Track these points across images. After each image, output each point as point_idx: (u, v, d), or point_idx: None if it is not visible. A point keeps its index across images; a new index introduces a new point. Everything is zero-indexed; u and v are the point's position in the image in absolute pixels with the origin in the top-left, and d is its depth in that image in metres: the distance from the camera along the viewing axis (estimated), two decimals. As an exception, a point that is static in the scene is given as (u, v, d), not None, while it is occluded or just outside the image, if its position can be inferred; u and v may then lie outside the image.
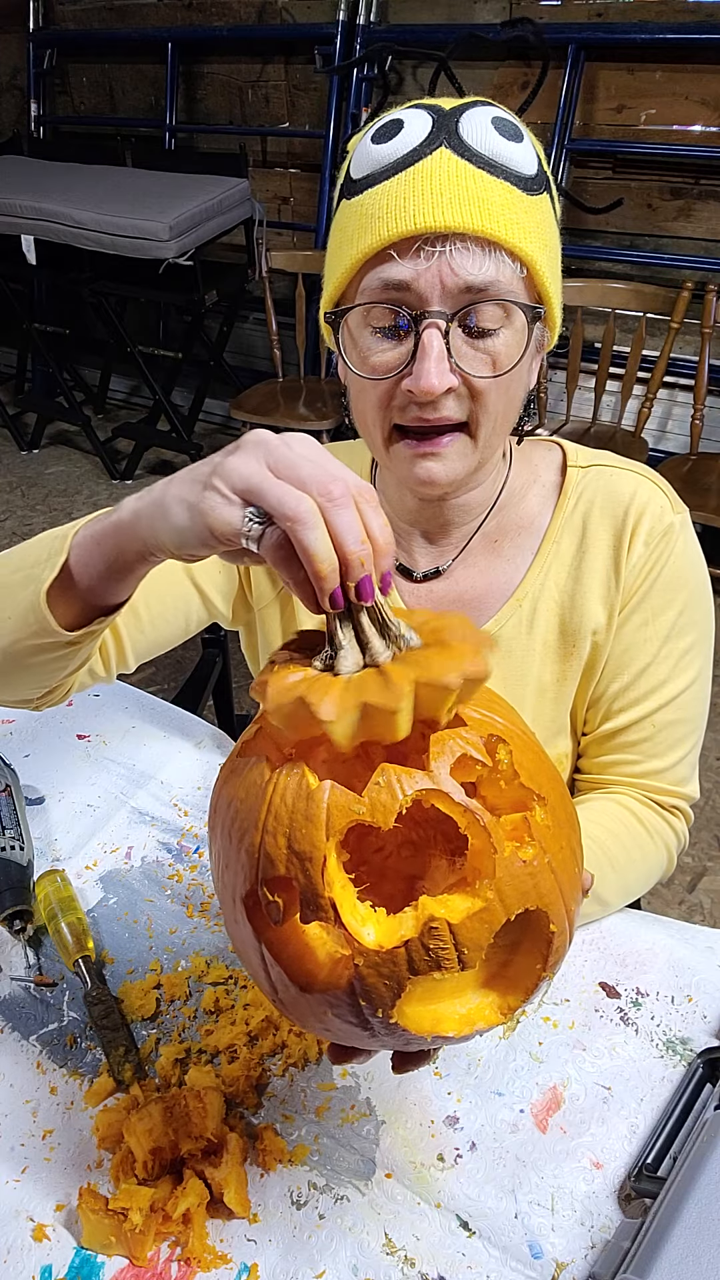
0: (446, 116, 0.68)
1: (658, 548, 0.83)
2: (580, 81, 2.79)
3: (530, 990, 0.54)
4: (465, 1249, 0.66)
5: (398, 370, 0.71)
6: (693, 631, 0.86)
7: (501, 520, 0.88)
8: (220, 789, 0.57)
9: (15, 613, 0.68)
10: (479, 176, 0.67)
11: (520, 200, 0.68)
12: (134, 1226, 0.64)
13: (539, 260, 0.69)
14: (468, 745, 0.51)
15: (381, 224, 0.67)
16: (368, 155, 0.70)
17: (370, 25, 3.08)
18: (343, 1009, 0.51)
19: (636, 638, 0.86)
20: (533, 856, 0.51)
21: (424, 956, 0.48)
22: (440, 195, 0.66)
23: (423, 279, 0.68)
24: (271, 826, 0.50)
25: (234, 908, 0.54)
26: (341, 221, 0.73)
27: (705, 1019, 0.80)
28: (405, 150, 0.68)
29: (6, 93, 4.23)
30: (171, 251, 3.01)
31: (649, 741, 0.88)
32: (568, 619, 0.87)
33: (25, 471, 3.93)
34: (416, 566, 0.90)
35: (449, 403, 0.71)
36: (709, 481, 2.51)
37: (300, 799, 0.50)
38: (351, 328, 0.74)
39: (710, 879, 2.00)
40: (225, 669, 1.56)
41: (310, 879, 0.49)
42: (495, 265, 0.68)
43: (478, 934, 0.49)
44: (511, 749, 0.52)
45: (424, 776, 0.50)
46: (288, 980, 0.52)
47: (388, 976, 0.49)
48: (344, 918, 0.49)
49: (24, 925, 0.88)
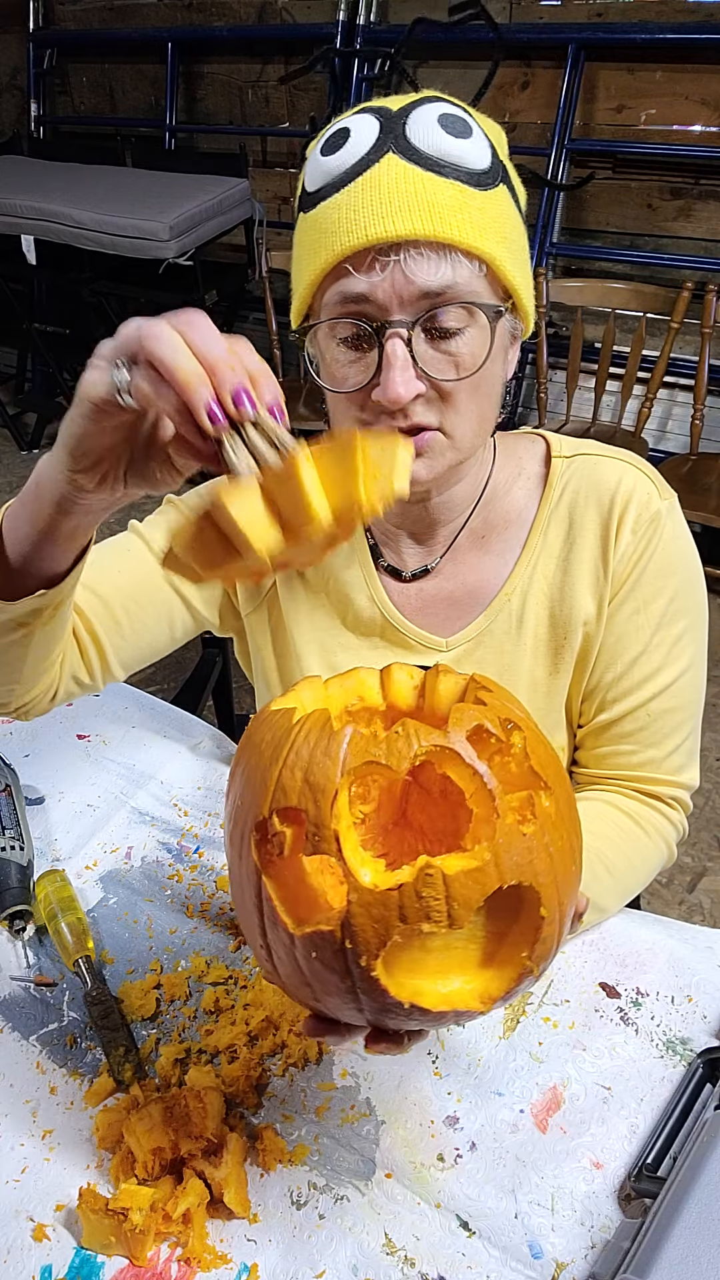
0: (393, 119, 0.68)
1: (645, 535, 0.83)
2: (580, 81, 2.79)
3: (514, 980, 0.54)
4: (465, 1249, 0.66)
5: (366, 382, 0.71)
6: (684, 618, 0.86)
7: (488, 515, 0.88)
8: (246, 739, 0.59)
9: None
10: (427, 179, 0.66)
11: (472, 198, 0.68)
12: (134, 1226, 0.64)
13: (497, 255, 0.69)
14: (485, 718, 0.53)
15: (334, 239, 0.68)
16: (318, 168, 0.70)
17: (370, 25, 3.08)
18: (327, 953, 0.52)
19: (628, 627, 0.85)
20: (532, 833, 0.52)
21: (415, 903, 0.50)
22: (389, 204, 0.66)
23: (380, 290, 0.68)
24: (291, 760, 0.53)
25: (242, 842, 0.55)
26: (299, 237, 0.74)
27: (705, 1019, 0.80)
28: (353, 160, 0.68)
29: (6, 93, 4.24)
30: (171, 251, 3.01)
31: (645, 731, 0.88)
32: (558, 611, 0.87)
33: (25, 471, 3.94)
34: (405, 566, 0.90)
35: (418, 408, 0.72)
36: (709, 481, 2.51)
37: (322, 737, 0.53)
38: (320, 342, 0.75)
39: (710, 879, 2.00)
40: (225, 669, 1.56)
41: (320, 810, 0.51)
42: (451, 267, 0.68)
43: (470, 891, 0.50)
44: (525, 736, 0.54)
45: (440, 734, 0.52)
46: (279, 920, 0.53)
47: (377, 920, 0.50)
48: (345, 855, 0.50)
49: (24, 925, 0.88)
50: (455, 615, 0.90)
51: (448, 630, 0.90)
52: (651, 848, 0.89)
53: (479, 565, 0.89)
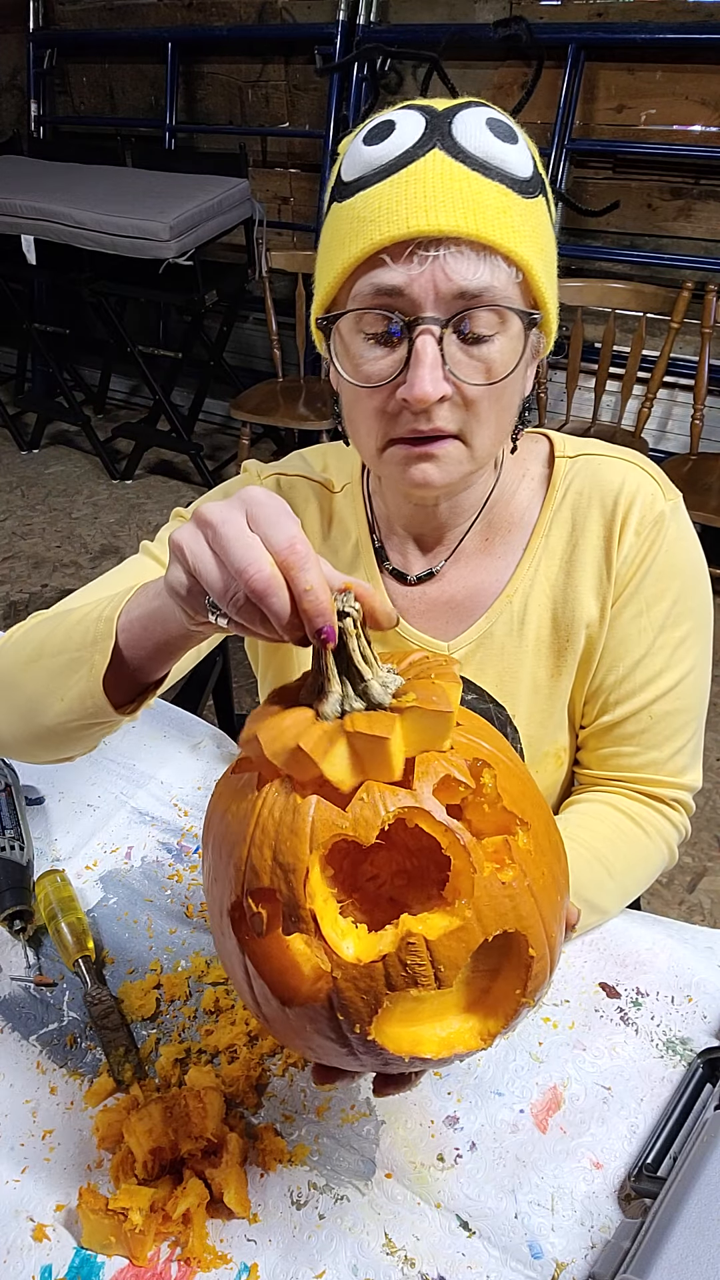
0: (439, 117, 0.67)
1: (649, 537, 0.82)
2: (580, 81, 2.79)
3: (511, 1016, 0.54)
4: (465, 1249, 0.66)
5: (391, 378, 0.70)
6: (688, 620, 0.85)
7: (493, 518, 0.88)
8: (214, 805, 0.58)
9: (69, 696, 0.70)
10: (473, 179, 0.65)
11: (515, 203, 0.67)
12: (134, 1226, 0.64)
13: (535, 265, 0.68)
14: (451, 767, 0.52)
15: (373, 227, 0.66)
16: (359, 157, 0.69)
17: (370, 25, 3.08)
18: (322, 1024, 0.51)
19: (631, 629, 0.85)
20: (512, 879, 0.51)
21: (401, 972, 0.49)
22: (434, 198, 0.65)
23: (416, 284, 0.66)
24: (258, 839, 0.51)
25: (221, 920, 0.55)
26: (332, 225, 0.72)
27: (705, 1019, 0.80)
28: (397, 152, 0.67)
29: (6, 93, 4.23)
30: (171, 251, 3.01)
31: (647, 733, 0.88)
32: (560, 613, 0.86)
33: (25, 471, 3.93)
34: (410, 570, 0.90)
35: (443, 412, 0.70)
36: (709, 481, 2.51)
37: (286, 812, 0.51)
38: (344, 334, 0.73)
39: (710, 879, 2.00)
40: (225, 669, 1.56)
41: (293, 890, 0.49)
42: (490, 270, 0.66)
43: (454, 952, 0.49)
44: (496, 773, 0.52)
45: (406, 795, 0.50)
46: (270, 994, 0.52)
47: (365, 991, 0.49)
48: (324, 930, 0.49)
49: (24, 925, 0.88)
50: (457, 618, 0.90)
51: (450, 634, 0.89)
52: (653, 849, 0.89)
53: (482, 568, 0.89)
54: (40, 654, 0.73)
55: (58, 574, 3.21)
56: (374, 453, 0.76)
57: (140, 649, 0.67)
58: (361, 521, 0.91)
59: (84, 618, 0.71)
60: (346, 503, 0.92)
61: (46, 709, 0.72)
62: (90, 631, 0.68)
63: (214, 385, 3.73)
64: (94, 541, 3.40)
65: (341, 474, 0.93)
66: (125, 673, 0.68)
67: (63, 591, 3.09)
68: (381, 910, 0.59)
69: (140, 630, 0.66)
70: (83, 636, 0.69)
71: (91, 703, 0.69)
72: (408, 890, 0.60)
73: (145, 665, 0.68)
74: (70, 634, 0.71)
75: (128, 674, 0.69)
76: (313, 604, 0.51)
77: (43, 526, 3.52)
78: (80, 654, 0.68)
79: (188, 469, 3.81)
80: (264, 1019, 0.56)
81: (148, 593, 0.66)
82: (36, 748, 0.78)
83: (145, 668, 0.68)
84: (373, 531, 0.91)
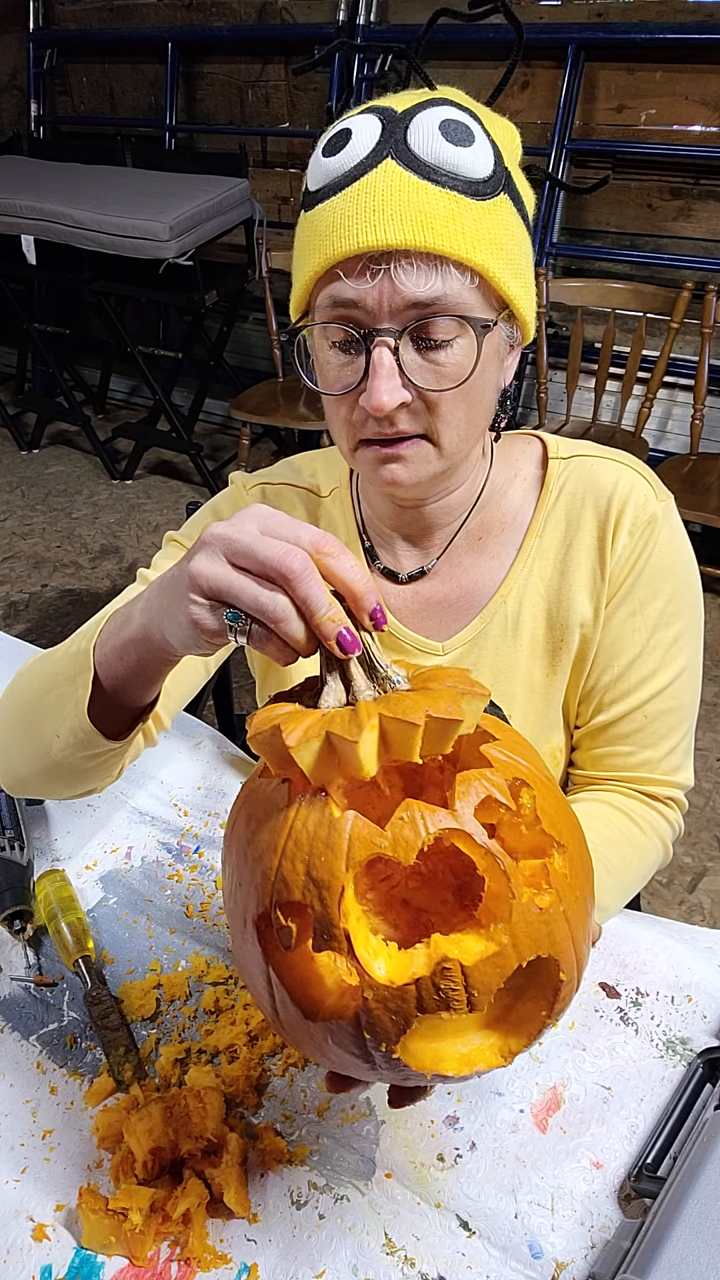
0: (395, 122, 0.68)
1: (642, 537, 0.83)
2: (580, 81, 2.79)
3: (534, 1035, 0.53)
4: (465, 1249, 0.66)
5: (355, 386, 0.72)
6: (680, 620, 0.86)
7: (484, 518, 0.88)
8: (239, 808, 0.57)
9: (62, 731, 0.71)
10: (423, 189, 0.66)
11: (468, 209, 0.67)
12: (134, 1226, 0.64)
13: (490, 267, 0.69)
14: (493, 787, 0.51)
15: (327, 243, 0.68)
16: (319, 168, 0.70)
17: (370, 25, 3.08)
18: (345, 1039, 0.51)
19: (624, 629, 0.85)
20: (549, 904, 0.50)
21: (434, 996, 0.48)
22: (382, 212, 0.66)
23: (369, 297, 0.68)
24: (290, 851, 0.50)
25: (244, 928, 0.54)
26: (299, 235, 0.74)
27: (705, 1019, 0.80)
28: (352, 164, 0.68)
29: (6, 93, 4.24)
30: (171, 251, 3.01)
31: (641, 732, 0.88)
32: (554, 613, 0.87)
33: (25, 471, 3.93)
34: (401, 568, 0.90)
35: (403, 417, 0.72)
36: (709, 481, 2.51)
37: (322, 827, 0.49)
38: (314, 342, 0.75)
39: (710, 879, 2.00)
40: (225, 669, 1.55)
41: (326, 907, 0.48)
42: (442, 279, 0.67)
43: (489, 978, 0.49)
44: (535, 794, 0.52)
45: (448, 815, 0.49)
46: (292, 1005, 0.51)
47: (395, 1012, 0.49)
48: (357, 950, 0.48)
49: (24, 925, 0.88)
50: (451, 618, 0.90)
51: (444, 634, 0.90)
52: (649, 846, 0.89)
53: (475, 568, 0.89)
54: (34, 693, 0.75)
55: (58, 574, 3.21)
56: (349, 453, 0.78)
57: (118, 677, 0.68)
58: (351, 524, 0.92)
59: (65, 653, 0.73)
60: (335, 506, 0.93)
61: (49, 746, 0.73)
62: (72, 665, 0.70)
63: (214, 385, 3.73)
64: (94, 542, 3.40)
65: (330, 479, 0.94)
66: (113, 701, 0.70)
67: (63, 591, 3.10)
68: (395, 911, 0.59)
69: (117, 659, 0.67)
70: (65, 670, 0.71)
71: (83, 735, 0.70)
72: (422, 891, 0.60)
73: (128, 691, 0.69)
74: (55, 670, 0.73)
75: (115, 702, 0.70)
76: (358, 585, 0.53)
77: (43, 526, 3.52)
78: (65, 689, 0.70)
79: (188, 469, 3.81)
80: (279, 1024, 0.55)
81: (117, 620, 0.67)
82: (56, 784, 0.79)
83: (129, 694, 0.69)
84: (362, 534, 0.92)
